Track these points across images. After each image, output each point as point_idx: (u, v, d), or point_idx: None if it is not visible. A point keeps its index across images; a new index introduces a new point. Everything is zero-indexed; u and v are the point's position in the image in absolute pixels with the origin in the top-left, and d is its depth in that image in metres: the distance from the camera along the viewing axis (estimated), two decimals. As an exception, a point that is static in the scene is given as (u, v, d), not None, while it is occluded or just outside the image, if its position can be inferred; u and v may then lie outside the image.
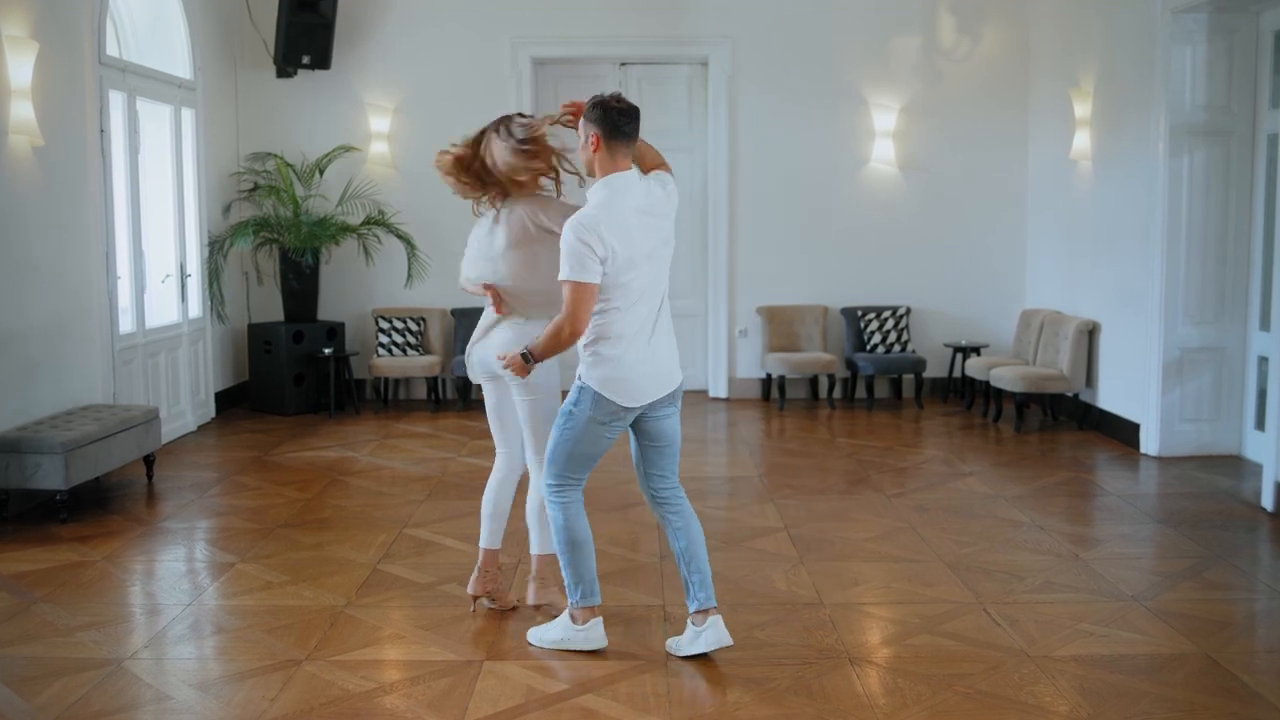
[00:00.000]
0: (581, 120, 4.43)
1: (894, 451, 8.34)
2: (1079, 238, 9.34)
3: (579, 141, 4.45)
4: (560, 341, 4.30)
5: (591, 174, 4.48)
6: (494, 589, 5.02)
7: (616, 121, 4.35)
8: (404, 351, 10.16)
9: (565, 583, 4.55)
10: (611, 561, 5.69)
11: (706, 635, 4.47)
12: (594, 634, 4.56)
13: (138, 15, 8.82)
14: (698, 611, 4.49)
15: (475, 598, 5.02)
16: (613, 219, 4.27)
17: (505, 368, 4.46)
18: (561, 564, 4.52)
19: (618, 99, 4.40)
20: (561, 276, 4.24)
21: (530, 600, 4.93)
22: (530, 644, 4.64)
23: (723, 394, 10.55)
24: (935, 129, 10.39)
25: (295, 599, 5.21)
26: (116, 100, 8.03)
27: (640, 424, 4.47)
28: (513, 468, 5.01)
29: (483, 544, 5.01)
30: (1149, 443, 8.09)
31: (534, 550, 4.94)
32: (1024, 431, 8.98)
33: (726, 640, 4.48)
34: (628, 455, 8.09)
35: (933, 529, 6.25)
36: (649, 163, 4.61)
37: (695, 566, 4.51)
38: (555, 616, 4.75)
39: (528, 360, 4.37)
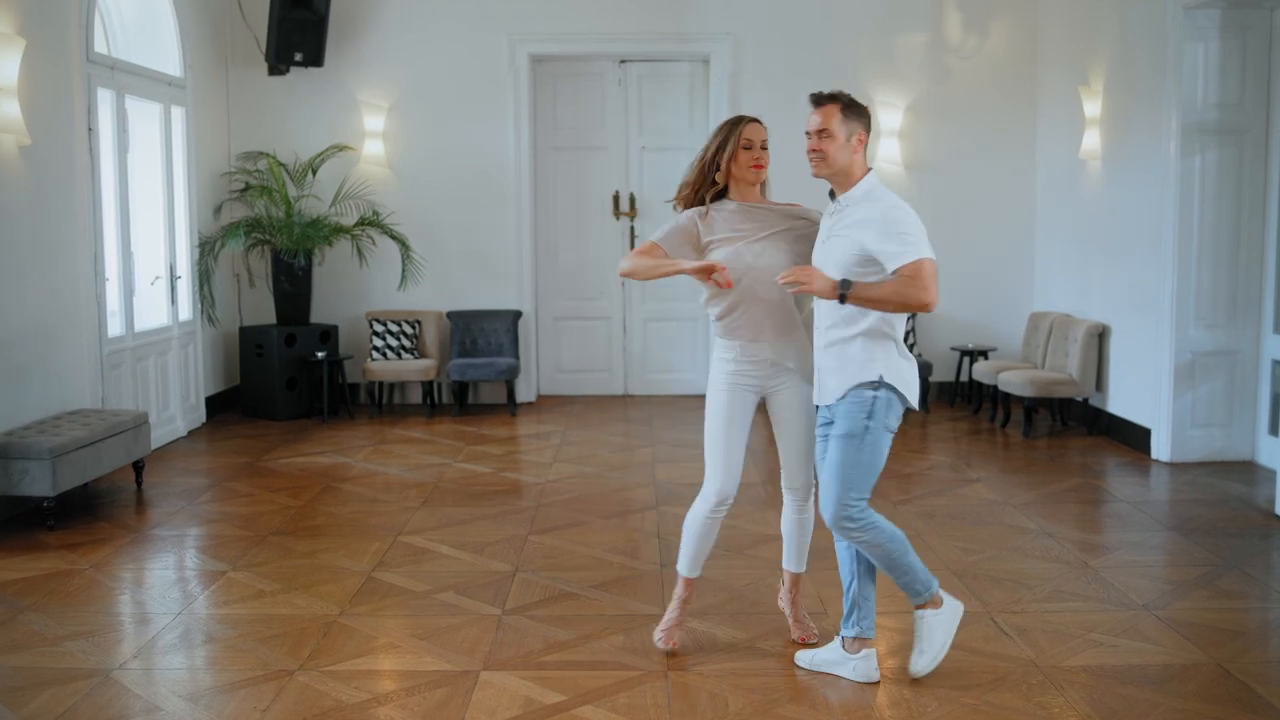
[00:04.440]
0: (839, 117, 4.23)
1: (899, 457, 8.23)
2: (1088, 239, 9.26)
3: (838, 139, 4.21)
4: (904, 304, 4.02)
5: (840, 173, 4.27)
6: (785, 609, 4.81)
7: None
8: (399, 355, 10.06)
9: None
10: (610, 569, 5.67)
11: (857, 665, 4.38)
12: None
13: (126, 11, 8.73)
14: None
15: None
16: None
17: (795, 280, 4.07)
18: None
19: None
20: (924, 255, 4.06)
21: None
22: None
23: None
24: (942, 128, 10.30)
25: (288, 608, 5.15)
26: (105, 98, 7.94)
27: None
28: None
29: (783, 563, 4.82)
30: (1160, 448, 8.01)
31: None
32: (1032, 437, 8.90)
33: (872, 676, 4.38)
34: (628, 463, 8.00)
35: (939, 536, 6.18)
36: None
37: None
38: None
39: (844, 292, 4.04)
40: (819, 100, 4.27)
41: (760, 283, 4.36)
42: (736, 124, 4.46)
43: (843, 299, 4.04)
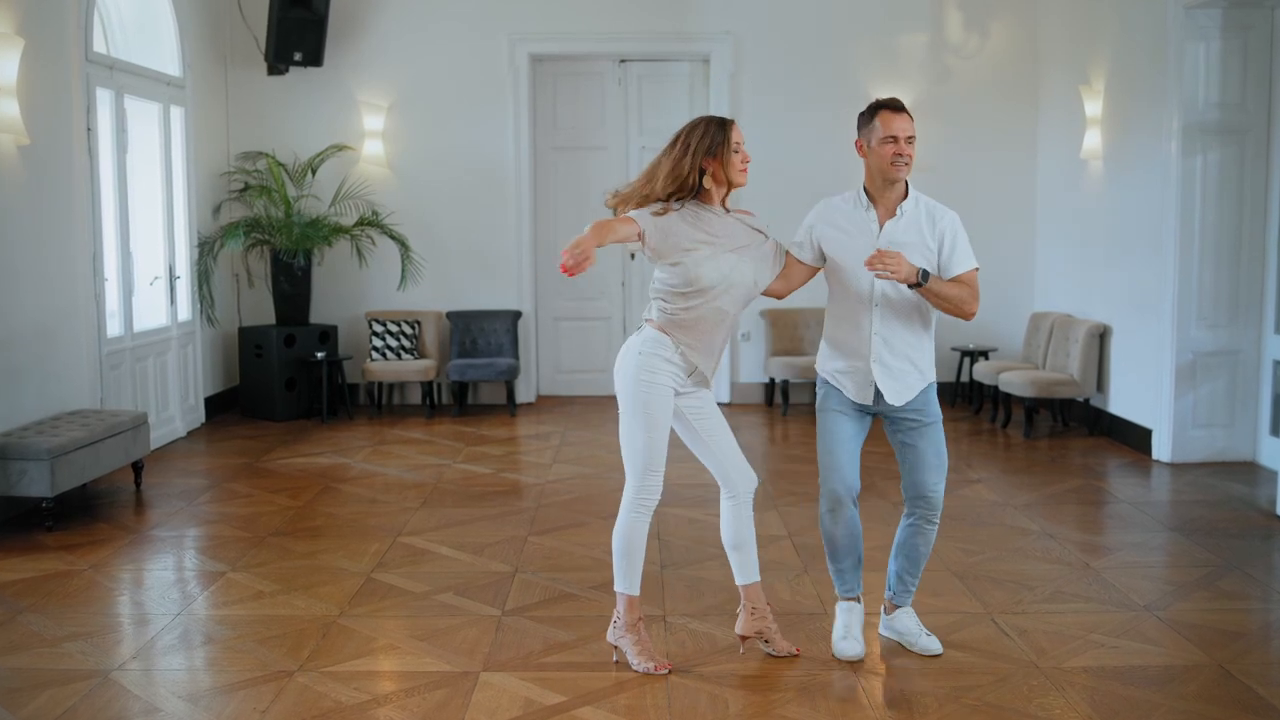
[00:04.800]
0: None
1: (900, 457, 8.22)
2: (1089, 239, 9.24)
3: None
4: (959, 306, 4.33)
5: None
6: (764, 629, 4.60)
7: None
8: (398, 355, 10.04)
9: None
10: (610, 570, 5.57)
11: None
12: None
13: (125, 11, 8.72)
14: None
15: (744, 639, 4.63)
16: None
17: (884, 266, 4.14)
18: None
19: None
20: (975, 264, 4.39)
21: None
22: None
23: (725, 399, 10.43)
24: (943, 128, 10.27)
25: (287, 609, 5.13)
26: (104, 98, 7.93)
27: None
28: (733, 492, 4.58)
29: (738, 580, 4.61)
30: (1161, 449, 7.99)
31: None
32: (1033, 437, 8.89)
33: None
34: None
35: (940, 537, 6.07)
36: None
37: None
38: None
39: (922, 281, 4.21)
40: (900, 107, 4.36)
41: (726, 295, 4.30)
42: (724, 125, 4.31)
43: (916, 286, 4.21)
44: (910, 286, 4.21)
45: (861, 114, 4.42)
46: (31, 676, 4.37)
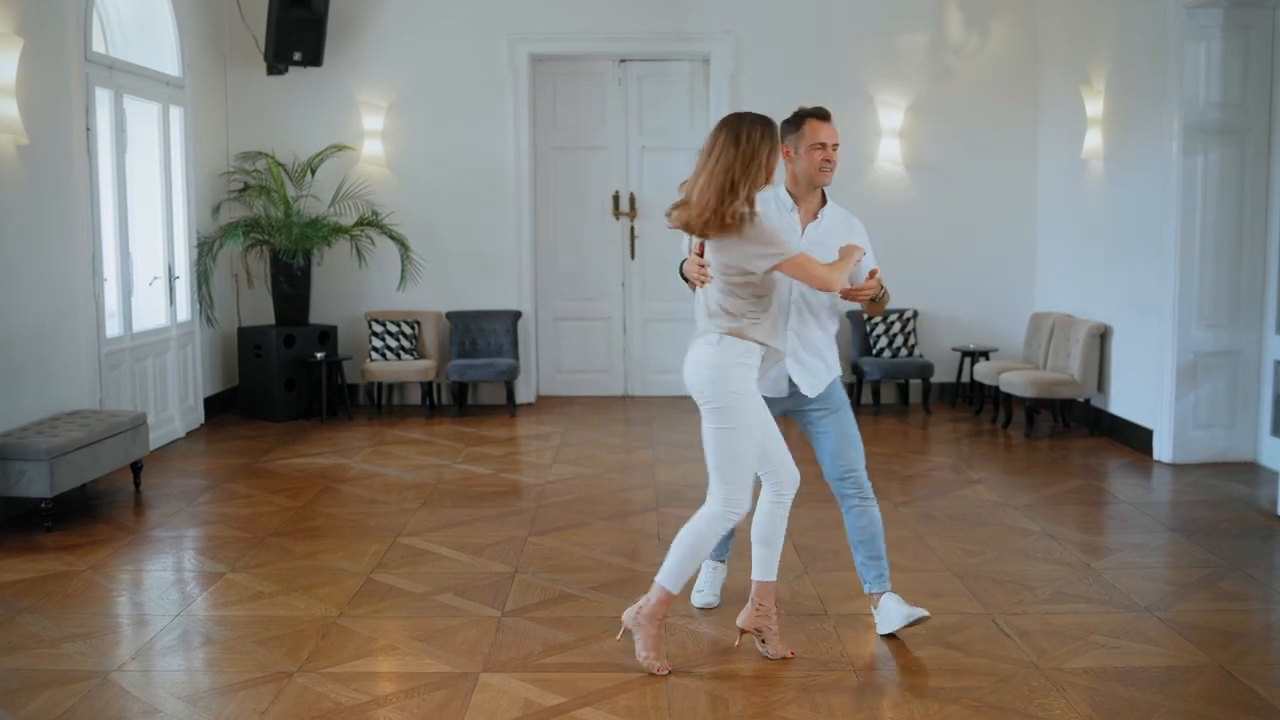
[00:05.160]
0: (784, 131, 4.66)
1: (901, 458, 8.22)
2: (1090, 239, 9.23)
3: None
4: (880, 310, 4.90)
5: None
6: (764, 629, 4.57)
7: None
8: (398, 356, 10.04)
9: None
10: (611, 571, 5.64)
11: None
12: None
13: (125, 11, 8.71)
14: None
15: (742, 632, 4.61)
16: None
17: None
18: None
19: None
20: (876, 266, 4.76)
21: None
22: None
23: (723, 398, 10.42)
24: (943, 128, 10.27)
25: (286, 609, 5.12)
26: (103, 98, 7.91)
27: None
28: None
29: (754, 575, 4.58)
30: (1162, 449, 7.97)
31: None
32: (1034, 438, 8.87)
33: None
34: (628, 464, 8.01)
35: (940, 538, 6.15)
36: None
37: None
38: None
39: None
40: (827, 116, 4.63)
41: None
42: (774, 125, 4.32)
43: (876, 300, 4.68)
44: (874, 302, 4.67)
45: (786, 121, 4.64)
46: (31, 677, 4.36)
